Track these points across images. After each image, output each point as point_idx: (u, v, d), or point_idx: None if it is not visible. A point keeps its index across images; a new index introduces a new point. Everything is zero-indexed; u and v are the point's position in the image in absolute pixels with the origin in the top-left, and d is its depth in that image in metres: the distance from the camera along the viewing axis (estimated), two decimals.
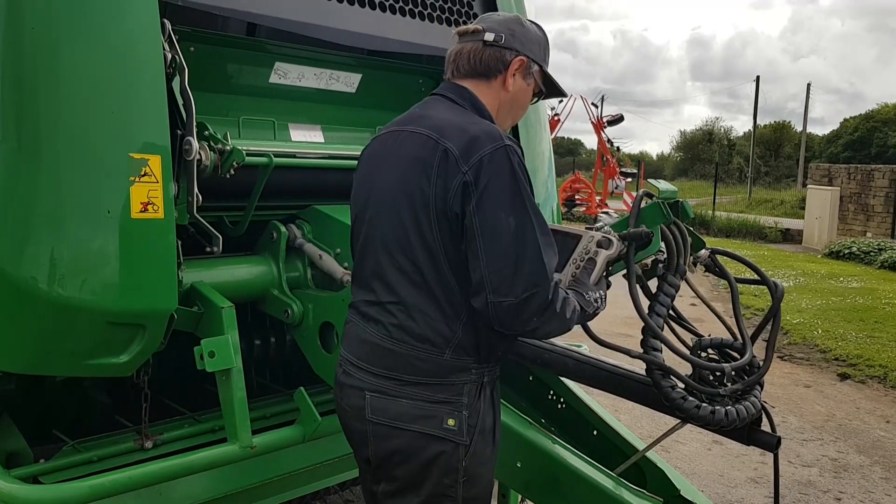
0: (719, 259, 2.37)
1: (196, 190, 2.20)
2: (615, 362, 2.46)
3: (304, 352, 2.60)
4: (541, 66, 2.02)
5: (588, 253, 1.97)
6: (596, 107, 23.04)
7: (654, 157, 71.24)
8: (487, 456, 1.93)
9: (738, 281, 2.35)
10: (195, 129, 2.18)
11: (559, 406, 2.86)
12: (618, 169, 22.36)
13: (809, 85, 48.85)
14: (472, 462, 1.87)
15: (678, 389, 2.11)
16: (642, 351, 2.16)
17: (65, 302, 1.97)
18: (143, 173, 2.03)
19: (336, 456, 2.82)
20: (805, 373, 7.11)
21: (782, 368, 7.14)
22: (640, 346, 2.18)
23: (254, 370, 3.31)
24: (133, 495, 2.23)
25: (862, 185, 20.21)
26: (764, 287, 2.31)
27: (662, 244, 2.21)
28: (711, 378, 2.17)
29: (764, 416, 2.18)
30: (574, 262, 1.98)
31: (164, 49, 2.11)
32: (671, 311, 2.26)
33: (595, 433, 2.75)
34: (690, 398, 2.10)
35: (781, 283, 2.29)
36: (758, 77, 38.95)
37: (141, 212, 2.03)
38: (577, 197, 22.20)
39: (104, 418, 2.89)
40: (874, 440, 5.40)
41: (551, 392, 2.88)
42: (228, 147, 2.26)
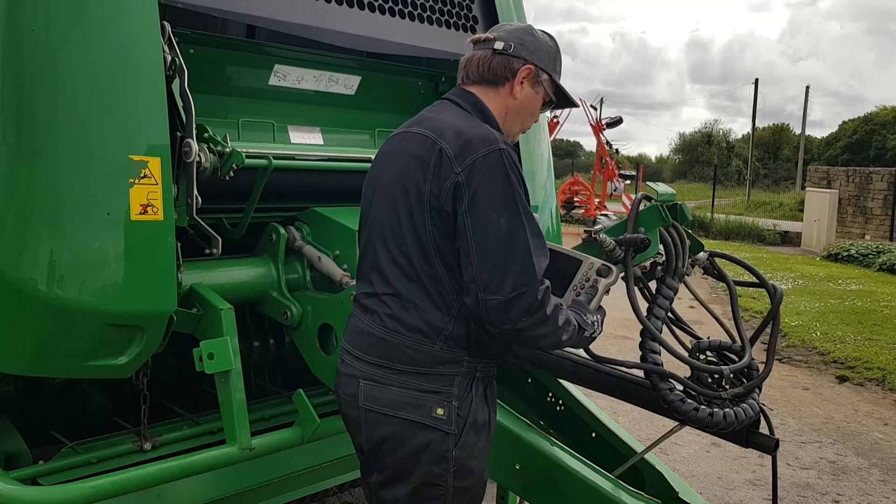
0: (718, 262, 2.37)
1: (195, 192, 2.20)
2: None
3: (302, 354, 2.60)
4: (550, 75, 2.05)
5: (588, 281, 2.00)
6: (595, 109, 23.09)
7: (653, 159, 71.34)
8: (479, 449, 1.95)
9: (737, 284, 2.35)
10: (195, 131, 2.18)
11: (558, 408, 2.87)
12: (616, 171, 22.34)
13: (808, 87, 49.06)
14: (463, 453, 1.90)
15: (676, 392, 2.12)
16: (640, 353, 2.17)
17: (64, 303, 1.98)
18: (142, 175, 2.03)
19: (335, 458, 2.83)
20: (803, 375, 7.11)
21: (781, 371, 7.14)
22: (639, 348, 2.19)
23: (253, 372, 3.31)
24: (132, 497, 2.24)
25: (860, 187, 20.23)
26: (762, 289, 2.32)
27: (661, 247, 2.22)
28: (710, 380, 2.17)
29: (762, 419, 2.19)
30: (574, 289, 2.01)
31: (164, 51, 2.12)
32: (670, 314, 2.27)
33: (593, 435, 2.76)
34: (689, 400, 2.11)
35: (780, 287, 2.29)
36: (756, 79, 39.06)
37: (140, 213, 2.03)
38: (575, 199, 22.18)
39: (103, 420, 2.90)
40: (872, 442, 5.40)
41: (550, 394, 2.89)
42: (228, 149, 2.27)
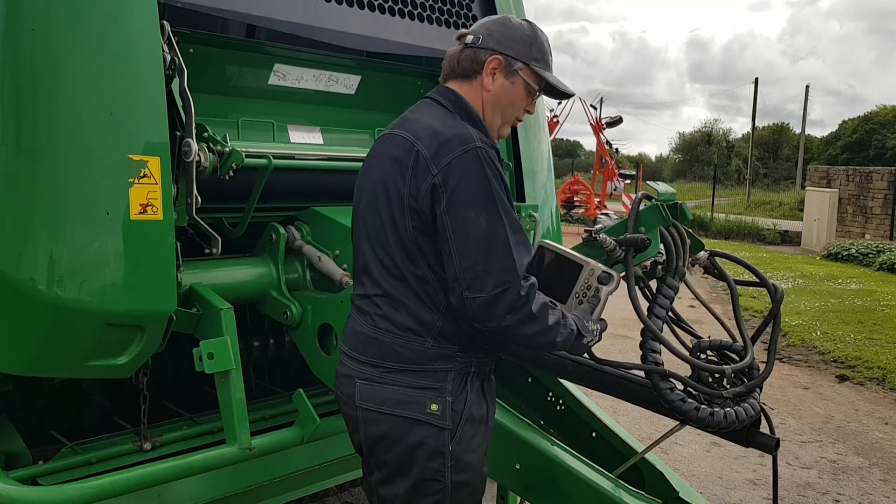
0: (718, 261, 2.37)
1: (195, 191, 2.20)
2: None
3: (302, 353, 2.60)
4: (527, 63, 2.00)
5: (590, 289, 1.99)
6: (595, 108, 23.05)
7: (653, 158, 71.34)
8: (477, 443, 1.96)
9: (737, 283, 2.35)
10: (194, 131, 2.18)
11: (558, 408, 2.87)
12: (616, 171, 22.35)
13: (808, 87, 48.86)
14: (459, 448, 1.91)
15: (677, 391, 2.12)
16: (641, 353, 2.16)
17: (63, 303, 1.97)
18: (142, 175, 2.03)
19: (335, 458, 2.82)
20: (804, 374, 7.11)
21: (781, 370, 7.13)
22: (640, 347, 2.19)
23: (252, 372, 3.31)
24: (132, 497, 2.23)
25: (860, 186, 20.23)
26: (762, 289, 2.31)
27: (661, 246, 2.22)
28: (711, 380, 2.17)
29: (763, 418, 2.18)
30: (577, 297, 2.01)
31: (164, 50, 2.11)
32: (670, 313, 2.26)
33: (594, 435, 2.76)
34: (690, 400, 2.10)
35: (781, 286, 2.29)
36: (756, 79, 39.00)
37: (140, 213, 2.03)
38: (575, 199, 22.17)
39: (103, 420, 2.89)
40: (873, 442, 5.40)
41: (550, 394, 2.89)
42: (227, 149, 2.26)
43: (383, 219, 1.92)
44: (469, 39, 2.01)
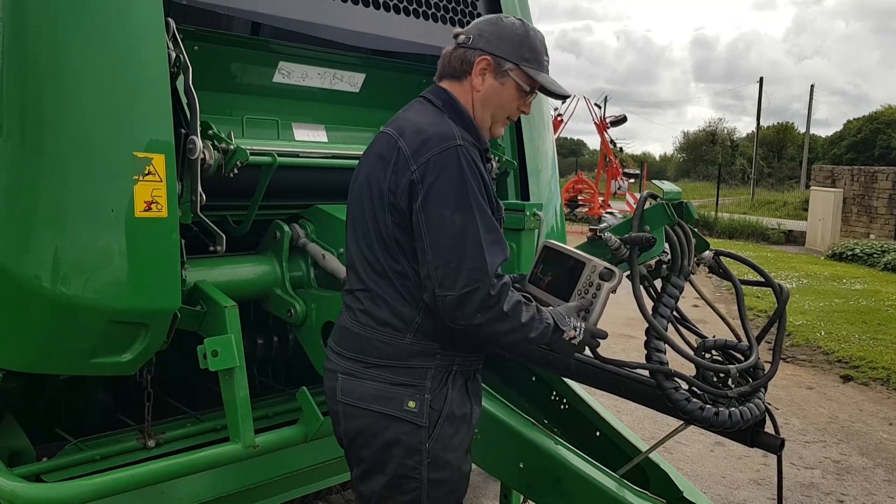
0: (723, 261, 2.36)
1: (200, 189, 2.20)
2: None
3: (306, 351, 2.60)
4: (517, 64, 1.98)
5: (592, 285, 1.99)
6: (599, 107, 22.98)
7: (657, 158, 71.19)
8: (457, 442, 1.96)
9: (742, 283, 2.34)
10: (199, 128, 2.18)
11: (562, 407, 2.86)
12: (621, 170, 22.33)
13: (813, 86, 48.42)
14: (437, 445, 1.91)
15: (682, 391, 2.11)
16: (646, 352, 2.16)
17: (68, 301, 1.97)
18: (146, 172, 2.03)
19: (338, 455, 2.81)
20: (808, 374, 7.09)
21: (785, 370, 7.12)
22: (644, 346, 2.18)
23: (256, 369, 3.31)
24: (135, 494, 2.24)
25: (865, 186, 20.16)
26: (766, 288, 2.31)
27: (666, 245, 2.21)
28: (715, 379, 2.16)
29: (767, 418, 2.18)
30: (579, 293, 2.00)
31: (169, 48, 2.11)
32: (675, 313, 2.26)
33: (598, 434, 2.75)
34: (694, 399, 2.10)
35: (786, 286, 2.28)
36: (761, 78, 38.80)
37: (144, 211, 2.03)
38: (579, 198, 22.15)
39: (107, 417, 2.89)
40: (877, 442, 5.38)
41: (554, 393, 2.88)
42: (232, 146, 2.27)
43: (367, 214, 1.94)
44: (461, 39, 2.01)
